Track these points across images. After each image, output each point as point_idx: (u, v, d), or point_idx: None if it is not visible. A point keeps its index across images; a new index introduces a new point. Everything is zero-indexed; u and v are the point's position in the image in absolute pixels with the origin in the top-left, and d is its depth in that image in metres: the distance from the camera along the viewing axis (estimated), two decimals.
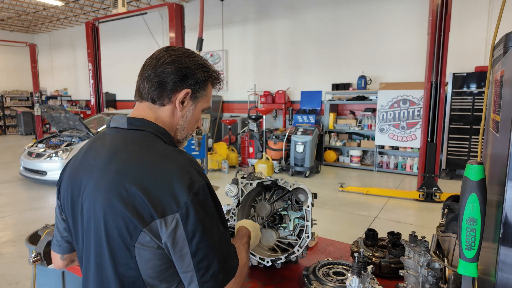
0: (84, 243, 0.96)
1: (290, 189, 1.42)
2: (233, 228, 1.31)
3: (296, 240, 1.47)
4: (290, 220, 1.52)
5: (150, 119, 0.98)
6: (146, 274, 0.88)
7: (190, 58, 0.99)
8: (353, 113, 8.47)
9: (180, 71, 0.96)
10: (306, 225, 1.36)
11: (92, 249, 0.93)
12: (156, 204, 0.83)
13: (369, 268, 1.10)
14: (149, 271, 0.88)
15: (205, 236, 0.84)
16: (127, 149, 0.92)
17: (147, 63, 1.00)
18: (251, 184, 1.50)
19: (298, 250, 1.36)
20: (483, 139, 1.12)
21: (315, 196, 1.42)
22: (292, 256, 1.36)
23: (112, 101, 13.12)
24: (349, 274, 1.10)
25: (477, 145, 6.41)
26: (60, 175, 1.05)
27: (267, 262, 1.38)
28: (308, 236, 1.35)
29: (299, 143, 7.12)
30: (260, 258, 1.40)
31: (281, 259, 1.37)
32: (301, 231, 1.48)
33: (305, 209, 1.37)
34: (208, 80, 1.03)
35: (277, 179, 1.44)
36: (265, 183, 1.49)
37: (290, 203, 1.53)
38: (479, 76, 6.36)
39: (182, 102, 1.00)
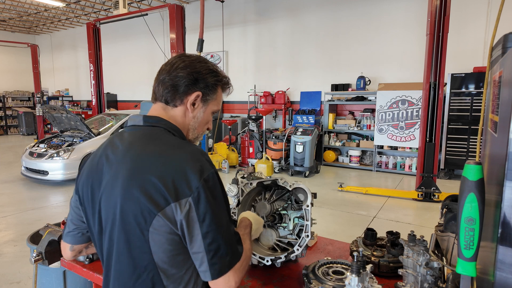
0: (103, 232, 1.02)
1: (290, 189, 1.43)
2: (235, 220, 1.33)
3: (296, 239, 1.48)
4: (289, 220, 1.52)
5: (163, 117, 1.06)
6: (158, 258, 0.93)
7: (202, 63, 1.08)
8: (352, 113, 8.48)
9: (191, 75, 1.04)
10: (306, 225, 1.36)
11: (114, 236, 0.98)
12: (170, 189, 0.89)
13: (368, 267, 1.10)
14: (161, 255, 0.93)
15: (214, 219, 0.91)
16: (142, 142, 1.00)
17: (163, 68, 1.08)
18: (251, 183, 1.51)
19: (297, 249, 1.36)
20: (481, 139, 1.12)
21: (314, 195, 1.43)
22: (292, 255, 1.37)
23: (113, 102, 13.13)
24: (348, 273, 1.11)
25: (476, 145, 6.41)
26: (79, 171, 1.14)
27: (267, 261, 1.39)
28: (307, 236, 1.35)
29: (299, 143, 7.12)
30: (260, 257, 1.41)
31: (281, 258, 1.38)
32: (300, 231, 1.49)
33: (304, 209, 1.38)
34: (218, 84, 1.11)
35: (277, 179, 1.45)
36: (265, 183, 1.49)
37: (290, 202, 1.53)
38: (478, 76, 6.37)
39: (193, 104, 1.08)
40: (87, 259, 1.53)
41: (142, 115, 1.06)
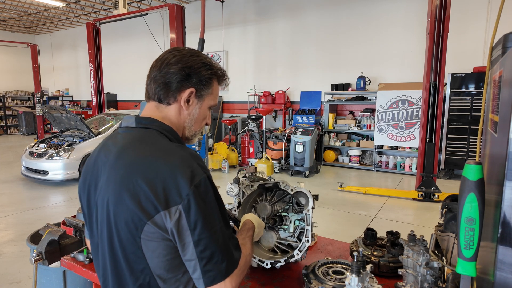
0: (99, 234, 1.02)
1: (291, 193, 1.41)
2: (237, 219, 1.33)
3: (296, 241, 1.47)
4: (290, 222, 1.51)
5: (157, 118, 1.02)
6: (153, 263, 0.92)
7: (193, 57, 1.02)
8: (352, 113, 8.48)
9: (183, 71, 0.99)
10: (306, 229, 1.35)
11: (106, 239, 0.97)
12: (160, 197, 0.86)
13: (368, 267, 1.10)
14: (156, 260, 0.91)
15: (206, 226, 0.87)
16: (134, 146, 0.97)
17: (154, 64, 1.03)
18: (252, 186, 1.50)
19: (297, 254, 1.35)
20: (481, 139, 1.12)
21: (316, 197, 1.41)
22: (291, 260, 1.36)
23: (113, 101, 13.13)
24: (348, 273, 1.11)
25: (476, 145, 6.41)
26: (79, 171, 1.11)
27: (267, 264, 1.38)
28: (308, 240, 1.34)
29: (299, 143, 7.13)
30: (259, 260, 1.40)
31: (280, 262, 1.37)
32: (301, 233, 1.47)
33: (305, 213, 1.36)
34: (213, 77, 1.05)
35: (279, 182, 1.43)
36: (266, 185, 1.48)
37: (291, 204, 1.52)
38: (478, 76, 6.37)
39: (188, 101, 1.03)
40: (87, 259, 1.53)
41: (135, 116, 1.03)
